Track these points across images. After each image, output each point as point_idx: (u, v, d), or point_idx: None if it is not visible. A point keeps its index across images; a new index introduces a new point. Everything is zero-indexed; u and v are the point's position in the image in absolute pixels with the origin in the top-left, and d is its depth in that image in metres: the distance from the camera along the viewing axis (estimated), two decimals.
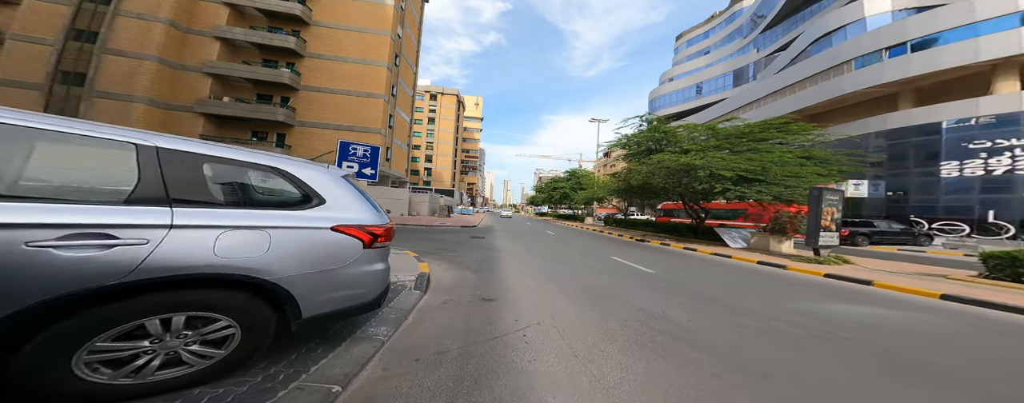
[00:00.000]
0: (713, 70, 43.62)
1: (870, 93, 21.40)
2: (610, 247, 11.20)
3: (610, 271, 6.75)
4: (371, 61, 26.79)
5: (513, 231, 17.00)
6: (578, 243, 12.41)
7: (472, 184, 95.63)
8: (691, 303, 4.57)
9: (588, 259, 8.27)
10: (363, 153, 5.86)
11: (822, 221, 7.78)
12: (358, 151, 5.88)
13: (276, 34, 24.36)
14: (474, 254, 8.41)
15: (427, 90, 70.36)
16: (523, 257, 8.23)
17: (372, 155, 5.99)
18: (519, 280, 5.70)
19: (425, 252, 8.19)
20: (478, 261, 7.39)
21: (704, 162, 10.11)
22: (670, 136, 13.88)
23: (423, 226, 17.18)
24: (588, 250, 10.16)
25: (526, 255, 8.61)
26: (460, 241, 11.09)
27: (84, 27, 19.65)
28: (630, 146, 15.87)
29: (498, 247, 9.99)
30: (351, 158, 5.77)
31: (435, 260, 7.20)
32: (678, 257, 9.14)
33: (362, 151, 5.90)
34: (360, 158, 5.87)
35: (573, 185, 37.79)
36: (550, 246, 10.85)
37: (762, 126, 11.53)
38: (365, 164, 5.94)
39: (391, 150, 29.67)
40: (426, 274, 5.35)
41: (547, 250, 9.80)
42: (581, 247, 10.99)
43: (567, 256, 8.70)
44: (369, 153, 6.01)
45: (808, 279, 6.62)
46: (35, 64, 18.76)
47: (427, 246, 9.29)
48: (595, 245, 11.75)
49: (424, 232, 13.82)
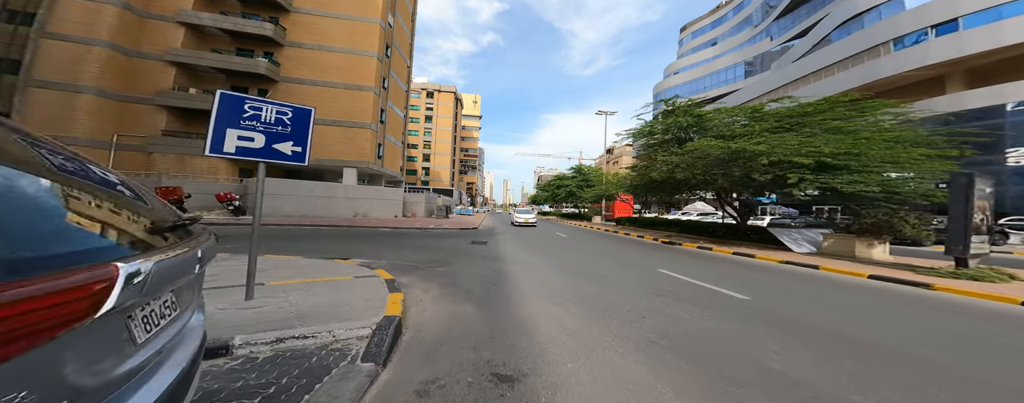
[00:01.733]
0: (722, 61, 41.60)
1: (911, 77, 19.32)
2: (644, 254, 8.92)
3: (676, 295, 4.50)
4: (359, 51, 24.44)
5: (518, 233, 14.63)
6: (600, 247, 10.12)
7: (471, 184, 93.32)
8: (879, 372, 2.44)
9: (629, 273, 6.02)
10: (277, 117, 3.24)
11: (973, 220, 5.47)
12: (266, 113, 3.18)
13: (250, 20, 21.96)
14: (475, 268, 6.14)
15: (424, 88, 68.15)
16: (542, 271, 5.95)
17: (298, 121, 3.34)
18: (549, 319, 3.46)
19: (408, 267, 5.87)
20: (482, 280, 5.10)
21: (767, 147, 7.84)
22: (705, 122, 11.60)
23: (417, 229, 14.78)
24: (620, 258, 7.88)
25: (545, 268, 6.33)
26: (457, 248, 8.75)
27: (18, 8, 17.16)
28: (653, 134, 13.58)
29: (505, 256, 7.69)
30: (248, 122, 3.05)
31: (421, 282, 4.89)
32: (747, 270, 6.85)
33: (274, 113, 3.23)
34: (270, 124, 3.18)
35: (579, 182, 35.50)
36: (569, 253, 8.55)
37: (828, 103, 9.26)
38: (283, 137, 3.24)
39: (383, 147, 27.27)
40: (396, 318, 3.01)
41: (568, 259, 7.53)
42: (608, 253, 8.70)
43: (598, 268, 6.44)
44: (292, 117, 3.31)
45: (999, 310, 4.33)
46: None
47: (414, 258, 6.97)
48: (623, 251, 9.45)
49: (415, 237, 11.41)
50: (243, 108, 3.14)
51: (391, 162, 29.71)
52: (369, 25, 24.83)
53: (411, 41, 35.94)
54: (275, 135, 3.29)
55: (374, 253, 7.39)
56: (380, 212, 22.12)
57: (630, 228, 20.59)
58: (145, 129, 20.05)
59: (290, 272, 4.58)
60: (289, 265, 5.02)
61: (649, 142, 14.25)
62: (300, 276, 4.40)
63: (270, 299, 3.35)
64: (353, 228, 14.02)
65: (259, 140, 3.19)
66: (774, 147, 7.89)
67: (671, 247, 10.90)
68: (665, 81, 51.11)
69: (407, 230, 14.29)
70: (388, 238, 10.70)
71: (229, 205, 15.61)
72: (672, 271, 6.27)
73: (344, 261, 5.76)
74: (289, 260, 5.43)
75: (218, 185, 18.59)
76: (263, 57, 22.77)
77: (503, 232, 15.94)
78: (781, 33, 33.84)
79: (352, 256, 6.70)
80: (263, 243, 7.91)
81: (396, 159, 31.74)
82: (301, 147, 3.46)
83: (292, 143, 3.38)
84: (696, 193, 15.28)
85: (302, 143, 3.46)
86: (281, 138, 3.32)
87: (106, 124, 18.80)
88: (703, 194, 15.25)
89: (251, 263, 3.25)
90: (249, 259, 3.26)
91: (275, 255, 6.01)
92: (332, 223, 15.03)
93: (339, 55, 24.12)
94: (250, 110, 3.17)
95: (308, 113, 3.53)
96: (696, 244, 11.00)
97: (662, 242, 12.37)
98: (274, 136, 3.28)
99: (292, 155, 3.40)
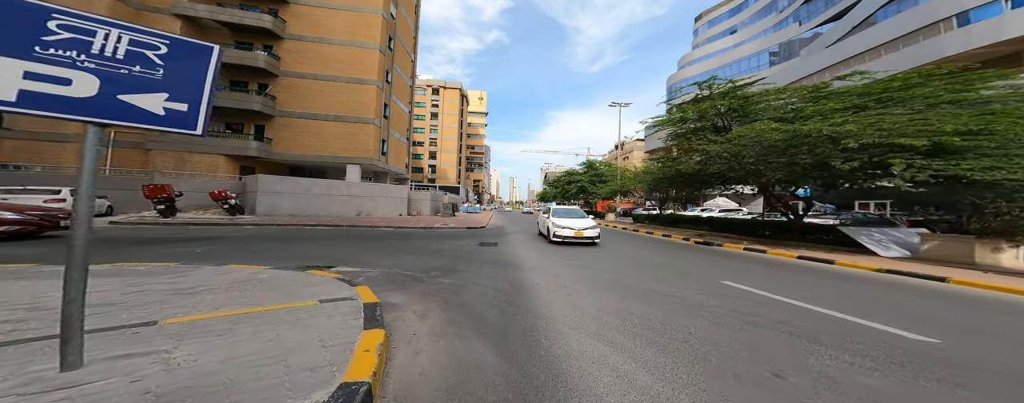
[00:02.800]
0: (743, 49, 39.21)
1: (979, 54, 17.19)
2: (686, 258, 7.49)
3: (791, 329, 3.16)
4: (361, 43, 23.40)
5: (532, 233, 13.25)
6: (629, 250, 8.69)
7: (478, 181, 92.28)
8: None
9: (689, 288, 4.67)
10: (131, 51, 1.84)
11: None
12: (102, 41, 1.78)
13: (249, 12, 21.08)
14: (487, 278, 4.87)
15: (429, 84, 67.38)
16: (570, 284, 4.64)
17: (181, 62, 1.96)
18: (611, 374, 2.21)
19: (404, 279, 4.62)
20: (497, 298, 3.84)
21: (856, 127, 6.30)
22: (750, 105, 10.02)
23: (421, 229, 13.59)
24: (663, 265, 6.48)
25: (573, 278, 5.02)
26: (464, 252, 7.48)
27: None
28: (684, 122, 11.95)
29: (520, 261, 6.39)
30: (58, 51, 1.68)
31: (418, 301, 3.66)
32: (844, 281, 5.37)
33: (125, 44, 1.83)
34: (113, 61, 1.80)
35: (591, 178, 33.92)
36: (599, 258, 7.17)
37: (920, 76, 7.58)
38: (141, 84, 1.85)
39: (387, 143, 26.26)
40: (361, 386, 1.73)
41: (598, 265, 6.20)
42: (645, 258, 7.29)
43: (642, 279, 5.10)
44: (166, 55, 1.92)
45: None
46: None
47: (414, 264, 5.72)
48: (659, 254, 8.02)
49: (418, 238, 10.17)
50: (43, 24, 1.73)
51: (396, 159, 28.71)
52: (370, 16, 23.75)
53: (415, 34, 34.83)
54: (123, 79, 1.88)
55: (368, 259, 6.17)
56: (384, 210, 21.07)
57: (650, 226, 19.04)
58: None
59: (225, 297, 3.19)
60: (239, 283, 3.68)
61: (678, 131, 12.63)
62: (236, 303, 3.05)
63: (125, 363, 1.92)
64: (353, 228, 12.91)
65: (84, 84, 1.79)
66: (866, 127, 6.33)
67: (711, 249, 9.38)
68: (680, 73, 48.92)
69: (411, 230, 13.10)
70: (388, 240, 9.50)
71: (224, 204, 14.71)
72: (744, 284, 4.85)
73: (321, 272, 4.50)
74: (247, 274, 4.21)
75: (215, 183, 17.76)
76: (262, 50, 21.91)
77: (513, 231, 14.63)
78: (811, 17, 31.47)
79: (339, 263, 5.50)
80: (241, 247, 6.82)
81: (401, 156, 30.74)
82: (186, 104, 2.02)
83: (166, 96, 1.97)
84: (730, 187, 13.62)
85: (188, 98, 2.03)
86: (137, 85, 1.91)
87: None
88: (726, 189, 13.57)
89: (68, 300, 1.76)
90: (64, 293, 1.76)
91: (238, 264, 4.83)
92: (332, 223, 13.97)
93: (340, 48, 23.13)
94: (61, 31, 1.76)
95: (206, 53, 2.12)
96: (740, 245, 9.47)
97: (696, 243, 10.88)
98: (121, 81, 1.87)
99: (165, 116, 1.97)
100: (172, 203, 12.87)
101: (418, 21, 35.79)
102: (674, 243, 11.02)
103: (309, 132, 22.57)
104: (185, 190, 15.84)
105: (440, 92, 67.63)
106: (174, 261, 4.99)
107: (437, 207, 25.49)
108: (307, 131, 22.55)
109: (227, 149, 20.28)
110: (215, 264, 4.74)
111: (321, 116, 22.68)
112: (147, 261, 5.05)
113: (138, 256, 5.50)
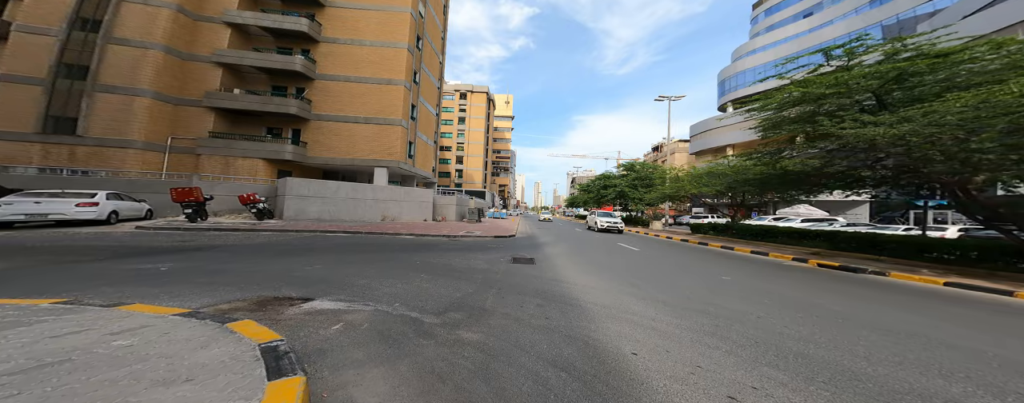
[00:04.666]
0: (826, 32, 33.34)
1: None
2: (864, 303, 4.98)
3: None
4: (390, 42, 23.09)
5: (572, 245, 11.25)
6: (746, 280, 6.29)
7: (504, 186, 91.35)
8: None
9: (933, 379, 2.45)
10: None
11: None
12: None
13: (288, 16, 21.57)
14: (535, 335, 3.04)
15: (457, 89, 68.14)
16: (701, 354, 2.60)
17: None
18: None
19: (396, 336, 2.92)
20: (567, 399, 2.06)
21: None
22: (954, 60, 6.85)
23: (444, 238, 12.32)
24: (830, 313, 4.12)
25: (693, 340, 2.95)
26: (494, 274, 5.88)
27: (89, 15, 18.16)
28: (803, 102, 8.53)
29: (579, 295, 4.54)
30: None
31: (413, 398, 2.00)
32: None
33: None
34: None
35: (631, 181, 30.81)
36: (690, 283, 5.15)
37: None
38: None
39: (414, 145, 25.76)
40: None
41: (716, 301, 4.15)
42: (786, 297, 4.95)
43: (826, 348, 2.86)
44: None
45: None
46: (39, 57, 17.51)
47: (422, 295, 4.14)
48: (801, 291, 5.62)
49: (438, 251, 8.71)
50: None
51: (422, 162, 28.18)
52: (399, 14, 23.36)
53: (443, 34, 34.38)
54: None
55: (367, 283, 4.73)
56: (410, 215, 20.31)
57: (713, 237, 16.03)
58: (195, 131, 20.49)
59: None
60: (43, 371, 2.21)
61: (802, 112, 8.80)
62: None
63: None
64: (371, 236, 11.96)
65: None
66: None
67: (879, 283, 6.47)
68: (736, 64, 43.66)
69: (432, 239, 11.85)
70: (404, 252, 8.21)
71: (252, 207, 14.63)
72: None
73: (256, 332, 2.64)
74: (101, 335, 2.81)
75: (249, 186, 18.08)
76: (300, 54, 22.35)
77: (547, 241, 12.81)
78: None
79: (322, 293, 4.05)
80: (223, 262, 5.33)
81: (428, 159, 30.23)
82: None
83: None
84: (865, 190, 9.88)
85: None
86: None
87: (161, 127, 19.39)
88: (857, 192, 10.00)
89: None
90: None
91: (147, 307, 3.13)
92: (353, 229, 13.21)
93: (370, 49, 22.99)
94: None
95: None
96: (938, 279, 6.51)
97: (835, 268, 8.07)
98: None
99: None
100: (201, 206, 12.84)
101: (446, 22, 35.36)
102: (789, 266, 8.29)
103: (339, 135, 22.62)
104: (222, 193, 16.13)
105: (467, 96, 68.14)
106: (104, 285, 3.96)
107: (463, 212, 24.39)
108: (338, 134, 22.61)
109: (266, 153, 20.81)
110: (150, 292, 3.60)
111: (351, 118, 22.63)
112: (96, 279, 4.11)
113: (90, 274, 4.61)
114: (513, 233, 15.25)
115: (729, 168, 15.18)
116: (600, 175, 37.80)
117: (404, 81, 23.05)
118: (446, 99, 60.72)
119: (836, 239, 11.20)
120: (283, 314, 3.48)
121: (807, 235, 12.36)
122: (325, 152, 22.48)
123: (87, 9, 18.17)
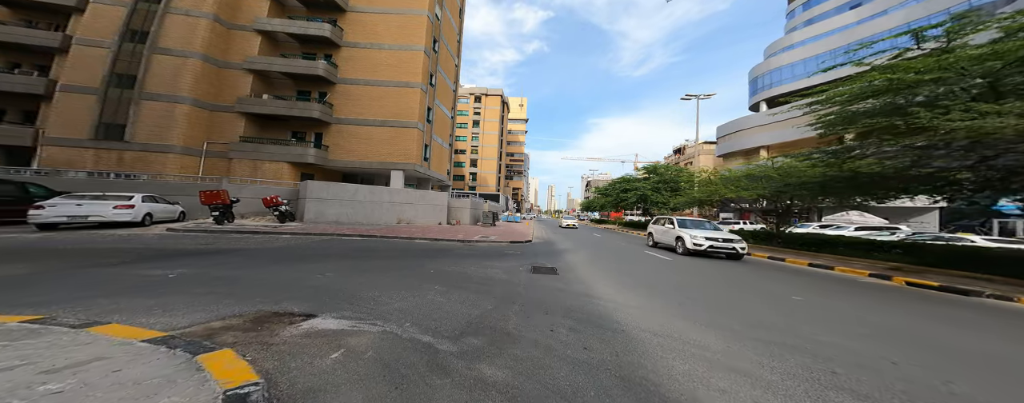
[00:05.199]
0: (877, 24, 30.36)
1: None
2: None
3: None
4: (407, 45, 23.37)
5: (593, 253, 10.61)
6: (831, 303, 5.46)
7: (517, 189, 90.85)
8: None
9: None
10: None
11: None
12: None
13: (312, 22, 22.32)
14: (575, 377, 2.46)
15: (471, 92, 68.73)
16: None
17: None
18: None
19: (404, 369, 2.52)
20: None
21: None
22: None
23: (459, 243, 12.10)
24: (973, 356, 3.20)
25: (801, 394, 2.29)
26: (514, 286, 5.45)
27: (137, 27, 19.56)
28: (894, 90, 7.25)
29: (622, 318, 3.84)
30: None
31: None
32: None
33: None
34: None
35: (654, 184, 29.46)
36: (758, 310, 4.34)
37: None
38: None
39: (429, 148, 25.91)
40: None
41: (808, 348, 3.17)
42: (865, 321, 4.07)
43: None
44: None
45: None
46: (94, 68, 19.02)
47: (436, 312, 3.73)
48: (884, 311, 4.77)
49: (453, 258, 8.43)
50: None
51: (437, 165, 28.29)
52: (417, 17, 23.59)
53: (459, 37, 34.49)
54: None
55: (377, 295, 4.45)
56: (425, 218, 20.34)
57: (754, 246, 14.16)
58: (227, 136, 21.58)
59: None
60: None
61: (884, 104, 7.62)
62: None
63: None
64: (386, 240, 11.93)
65: None
66: None
67: (1012, 311, 5.37)
68: (769, 61, 40.98)
69: (446, 245, 11.65)
70: (419, 259, 7.99)
71: (275, 210, 15.09)
72: None
73: (233, 368, 2.78)
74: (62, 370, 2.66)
75: (274, 189, 18.74)
76: (323, 59, 23.06)
77: (567, 248, 12.28)
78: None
79: (327, 308, 3.82)
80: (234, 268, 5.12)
81: (443, 162, 30.35)
82: None
83: None
84: (962, 194, 8.34)
85: None
86: None
87: (198, 132, 20.57)
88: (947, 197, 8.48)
89: None
90: None
91: (126, 329, 3.03)
92: (369, 232, 13.29)
93: (388, 53, 23.36)
94: None
95: None
96: None
97: (934, 289, 6.82)
98: None
99: None
100: (228, 209, 13.34)
101: (462, 25, 35.46)
102: (862, 281, 7.19)
103: (358, 138, 23.10)
104: (248, 196, 16.79)
105: (482, 99, 68.66)
106: (101, 296, 3.92)
107: (477, 216, 24.20)
108: (356, 137, 23.10)
109: (291, 156, 21.58)
110: (144, 305, 3.48)
111: (369, 121, 23.06)
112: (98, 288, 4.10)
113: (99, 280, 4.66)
114: (529, 238, 14.81)
115: (774, 170, 13.42)
116: (619, 178, 36.49)
117: (420, 84, 23.23)
118: (461, 102, 61.21)
119: (921, 252, 9.70)
120: (278, 336, 3.21)
121: (878, 246, 10.95)
122: (345, 155, 23.03)
123: (136, 21, 19.60)
